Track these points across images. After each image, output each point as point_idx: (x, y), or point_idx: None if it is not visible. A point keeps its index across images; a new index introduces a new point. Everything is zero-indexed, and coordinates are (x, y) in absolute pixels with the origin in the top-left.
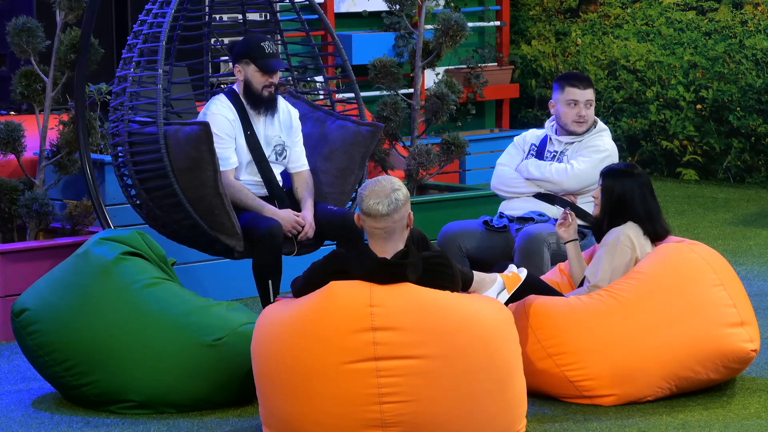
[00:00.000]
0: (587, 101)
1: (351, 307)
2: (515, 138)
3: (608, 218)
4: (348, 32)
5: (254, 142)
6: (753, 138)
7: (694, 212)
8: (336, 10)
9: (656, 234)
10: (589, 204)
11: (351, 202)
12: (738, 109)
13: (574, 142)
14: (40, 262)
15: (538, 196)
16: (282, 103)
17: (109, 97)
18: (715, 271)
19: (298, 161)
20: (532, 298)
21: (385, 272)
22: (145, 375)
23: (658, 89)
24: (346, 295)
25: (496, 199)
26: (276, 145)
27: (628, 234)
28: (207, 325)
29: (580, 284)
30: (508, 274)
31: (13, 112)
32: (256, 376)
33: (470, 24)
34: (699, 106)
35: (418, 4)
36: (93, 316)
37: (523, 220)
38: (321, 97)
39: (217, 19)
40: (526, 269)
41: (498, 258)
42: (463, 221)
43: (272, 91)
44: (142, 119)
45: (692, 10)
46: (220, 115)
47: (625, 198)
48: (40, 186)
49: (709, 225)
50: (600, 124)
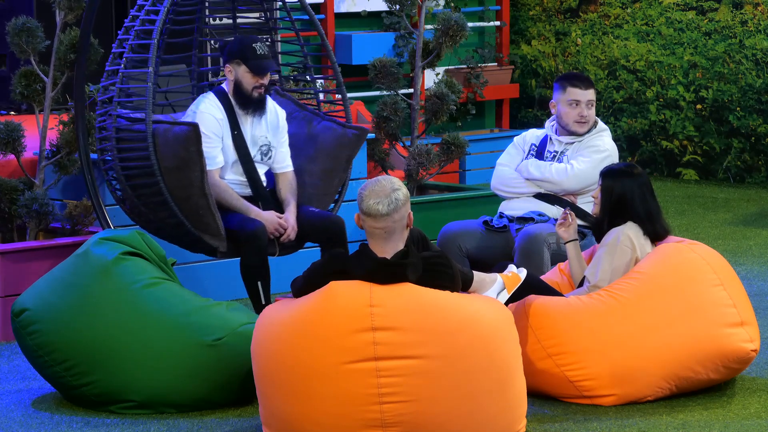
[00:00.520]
0: (588, 101)
1: (351, 307)
2: (515, 138)
3: (608, 218)
4: (348, 32)
5: (241, 142)
6: (753, 138)
7: (694, 212)
8: (336, 10)
9: (656, 234)
10: (589, 204)
11: (333, 203)
12: (738, 109)
13: (574, 142)
14: (40, 262)
15: (538, 196)
16: (270, 103)
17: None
18: (715, 271)
19: (283, 162)
20: (532, 298)
21: (385, 272)
22: (145, 375)
23: (658, 89)
24: (346, 295)
25: (496, 199)
26: (262, 146)
27: (628, 234)
28: (207, 325)
29: (580, 284)
30: (508, 274)
31: (13, 112)
32: (256, 376)
33: (470, 24)
34: (699, 106)
35: (418, 4)
36: (93, 316)
37: (523, 220)
38: (311, 96)
39: (208, 18)
40: (526, 269)
41: (498, 258)
42: (463, 221)
43: (262, 92)
44: (131, 116)
45: (692, 10)
46: (208, 114)
47: (625, 198)
48: (40, 186)
49: (709, 225)
50: (600, 124)
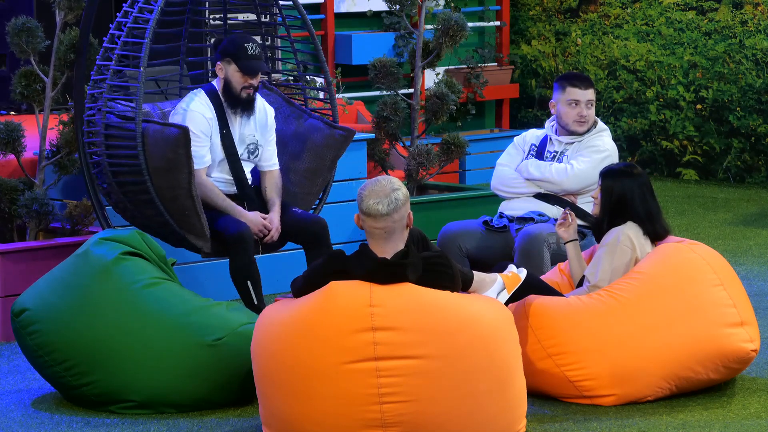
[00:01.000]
0: (588, 101)
1: (351, 307)
2: (515, 138)
3: (608, 218)
4: (348, 32)
5: (229, 141)
6: (753, 138)
7: (694, 212)
8: (336, 10)
9: (656, 234)
10: (589, 204)
11: (318, 201)
12: (738, 109)
13: (574, 142)
14: (40, 262)
15: (538, 196)
16: (259, 102)
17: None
18: (715, 271)
19: (270, 160)
20: (532, 298)
21: (385, 272)
22: (145, 375)
23: (658, 89)
24: (346, 295)
25: (496, 199)
26: (249, 144)
27: (628, 234)
28: (207, 325)
29: (580, 284)
30: (508, 274)
31: (13, 112)
32: (256, 376)
33: (470, 24)
34: (699, 106)
35: (418, 4)
36: (93, 316)
37: (523, 220)
38: (299, 90)
39: (212, 21)
40: (526, 269)
41: (498, 258)
42: (463, 221)
43: (251, 93)
44: (120, 111)
45: (692, 10)
46: (198, 113)
47: (625, 198)
48: (40, 186)
49: (709, 225)
50: (600, 124)
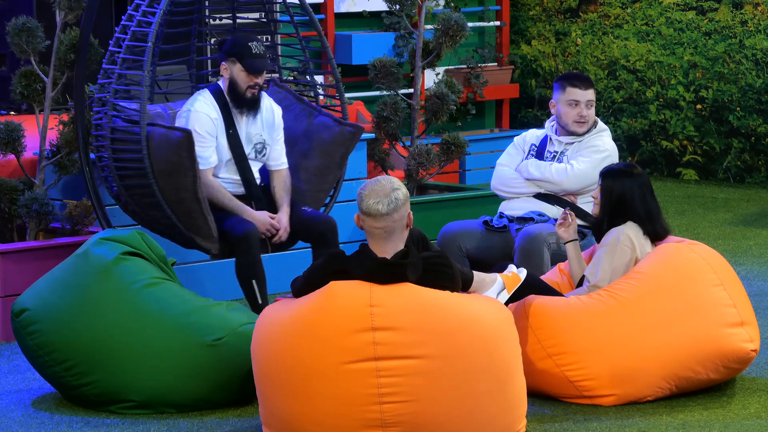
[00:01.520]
0: (588, 101)
1: (351, 307)
2: (515, 138)
3: (608, 218)
4: (348, 32)
5: (235, 141)
6: (753, 138)
7: (694, 212)
8: (336, 10)
9: (656, 234)
10: (589, 204)
11: (329, 199)
12: (738, 109)
13: (574, 143)
14: (40, 262)
15: (538, 196)
16: (267, 101)
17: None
18: (715, 271)
19: (278, 159)
20: (532, 298)
21: (385, 272)
22: (145, 375)
23: (658, 89)
24: (346, 295)
25: (496, 199)
26: (257, 143)
27: (628, 234)
28: (207, 325)
29: (579, 284)
30: (508, 274)
31: (13, 112)
32: (256, 376)
33: (470, 24)
34: (699, 106)
35: (418, 4)
36: (93, 316)
37: (523, 220)
38: (309, 87)
39: (212, 20)
40: (526, 269)
41: (498, 258)
42: (463, 221)
43: (255, 92)
44: (126, 117)
45: (692, 10)
46: (203, 113)
47: (625, 198)
48: (40, 186)
49: (709, 225)
50: (600, 124)
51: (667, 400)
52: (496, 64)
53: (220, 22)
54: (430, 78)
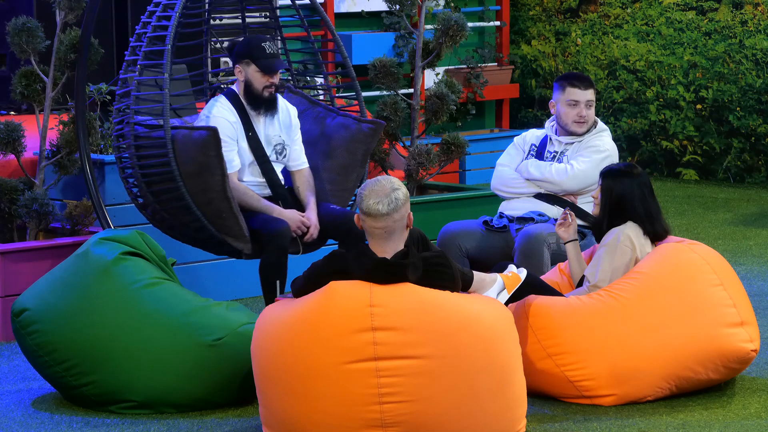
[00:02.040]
0: (588, 102)
1: (351, 307)
2: (515, 138)
3: (608, 218)
4: (348, 32)
5: (256, 143)
6: (753, 138)
7: (694, 212)
8: (336, 10)
9: (656, 234)
10: (589, 204)
11: (353, 198)
12: (738, 109)
13: (574, 143)
14: (40, 262)
15: (538, 196)
16: (281, 102)
17: (108, 98)
18: (715, 271)
19: (298, 159)
20: (532, 298)
21: (385, 272)
22: (145, 375)
23: (658, 89)
24: (346, 295)
25: (496, 200)
26: (276, 144)
27: (628, 234)
28: (207, 325)
29: (579, 284)
30: (508, 274)
31: (13, 112)
32: (256, 376)
33: (470, 24)
34: (699, 106)
35: (418, 4)
36: (93, 316)
37: (523, 220)
38: (321, 95)
39: (215, 20)
40: (526, 269)
41: (498, 258)
42: (463, 221)
43: (272, 91)
44: (149, 123)
45: (692, 10)
46: (221, 118)
47: (625, 198)
48: (40, 186)
49: (709, 225)
50: (600, 124)
51: (667, 400)
52: (496, 64)
53: (221, 21)
54: (430, 78)
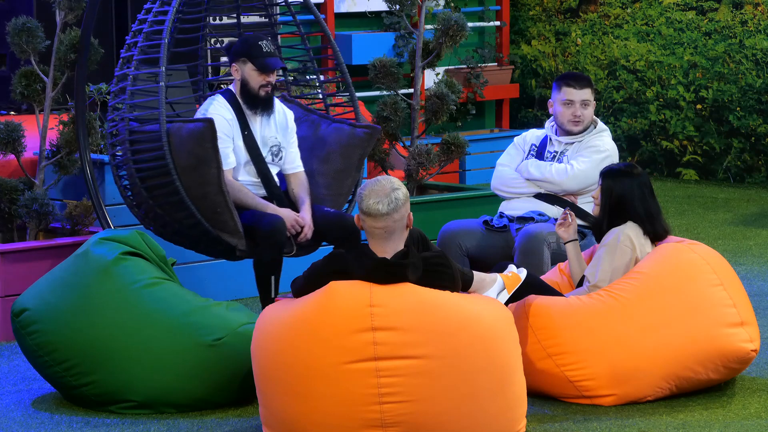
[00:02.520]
0: (583, 101)
1: (351, 307)
2: (515, 138)
3: (608, 218)
4: (348, 32)
5: (251, 142)
6: (753, 138)
7: (694, 212)
8: (336, 10)
9: (656, 234)
10: (589, 204)
11: (348, 204)
12: (738, 109)
13: (574, 143)
14: (40, 262)
15: (539, 196)
16: (278, 105)
17: (108, 97)
18: (715, 271)
19: (294, 162)
20: (532, 298)
21: (385, 272)
22: (145, 375)
23: (658, 89)
24: (346, 295)
25: (496, 199)
26: (272, 146)
27: (628, 234)
28: (207, 325)
29: (579, 284)
30: (508, 274)
31: (13, 112)
32: (256, 376)
33: (470, 24)
34: (699, 106)
35: (418, 4)
36: (93, 316)
37: (524, 219)
38: (319, 97)
39: (211, 21)
40: (526, 269)
41: (498, 258)
42: (464, 220)
43: (269, 90)
44: (143, 117)
45: (692, 10)
46: (218, 115)
47: (625, 198)
48: (40, 186)
49: (709, 225)
50: (600, 124)
51: (667, 400)
52: (496, 64)
53: (221, 22)
54: (430, 78)
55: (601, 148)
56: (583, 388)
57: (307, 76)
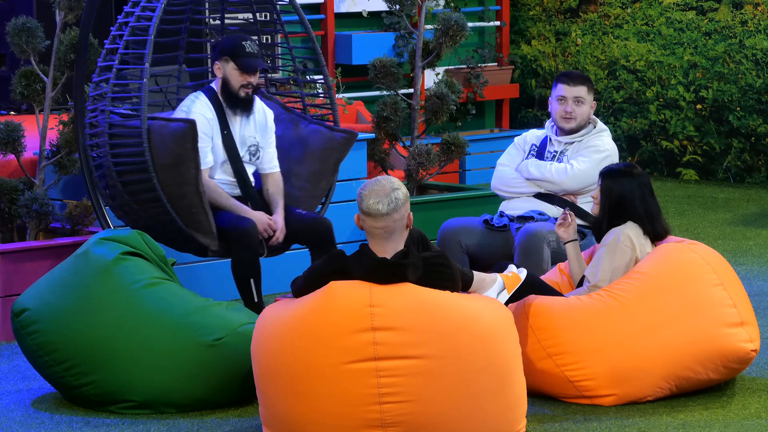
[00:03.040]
0: (575, 98)
1: (351, 307)
2: (516, 138)
3: (608, 218)
4: (348, 32)
5: (230, 142)
6: (753, 138)
7: (694, 212)
8: (336, 10)
9: (656, 234)
10: (590, 204)
11: (320, 206)
12: (738, 109)
13: (573, 142)
14: (40, 262)
15: (539, 196)
16: (258, 104)
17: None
18: (715, 271)
19: (271, 162)
20: (532, 298)
21: (385, 272)
22: (145, 375)
23: (658, 89)
24: (346, 295)
25: (496, 199)
26: (250, 146)
27: (628, 234)
28: (207, 325)
29: (579, 284)
30: (508, 274)
31: (13, 112)
32: (256, 376)
33: (470, 24)
34: (699, 106)
35: (418, 4)
36: (93, 316)
37: (524, 219)
38: (297, 98)
39: (208, 18)
40: (526, 268)
41: (498, 257)
42: (464, 218)
43: (249, 91)
44: (125, 111)
45: (692, 10)
46: (198, 114)
47: (625, 198)
48: (40, 186)
49: (709, 225)
50: (600, 124)
51: (667, 400)
52: (496, 64)
53: (216, 22)
54: (430, 78)
55: (600, 148)
56: (583, 388)
57: (302, 77)
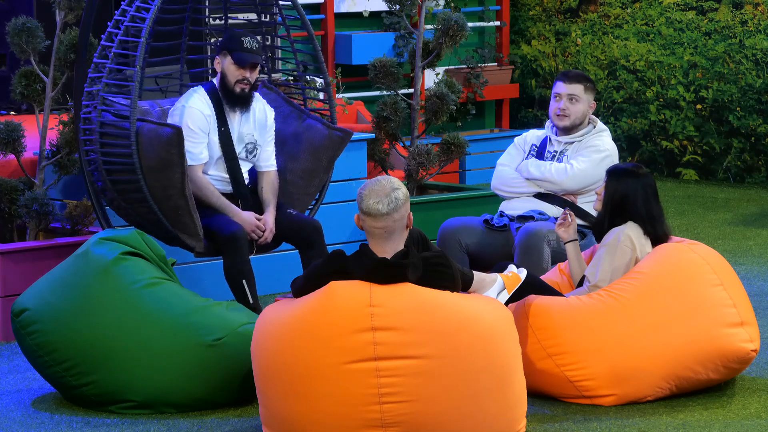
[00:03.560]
0: (570, 95)
1: (351, 307)
2: (516, 138)
3: (609, 217)
4: (348, 32)
5: (227, 139)
6: (753, 138)
7: (694, 212)
8: (336, 10)
9: (657, 236)
10: (590, 204)
11: (314, 202)
12: (738, 109)
13: (573, 142)
14: (40, 262)
15: (539, 196)
16: (259, 102)
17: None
18: (715, 271)
19: (268, 161)
20: (532, 298)
21: (385, 272)
22: (145, 375)
23: (658, 89)
24: (346, 295)
25: (496, 199)
26: (248, 143)
27: (629, 234)
28: (207, 325)
29: (580, 284)
30: (508, 274)
31: (13, 112)
32: (256, 376)
33: (470, 24)
34: (699, 106)
35: (418, 4)
36: (93, 316)
37: (524, 218)
38: (298, 90)
39: (212, 21)
40: (526, 267)
41: (498, 256)
42: (464, 217)
43: (245, 87)
44: (116, 112)
45: (692, 10)
46: (196, 109)
47: (628, 198)
48: (40, 186)
49: (709, 225)
50: (600, 124)
51: (667, 400)
52: (496, 64)
53: (218, 22)
54: (430, 78)
55: (600, 148)
56: (583, 388)
57: (306, 76)
